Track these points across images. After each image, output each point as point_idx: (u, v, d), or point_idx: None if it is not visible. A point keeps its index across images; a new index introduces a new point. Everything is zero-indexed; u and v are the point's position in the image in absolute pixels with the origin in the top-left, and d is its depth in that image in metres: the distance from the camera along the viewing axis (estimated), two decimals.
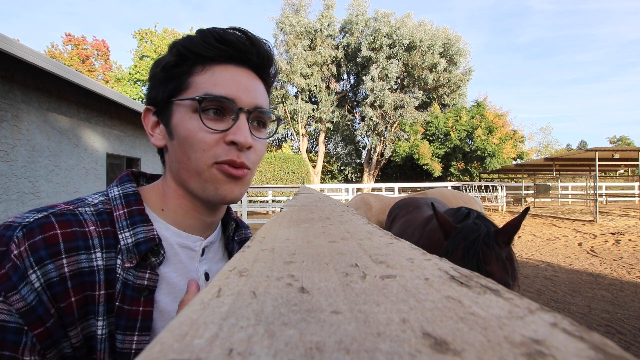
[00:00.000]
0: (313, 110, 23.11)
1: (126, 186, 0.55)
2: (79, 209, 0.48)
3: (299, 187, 5.81)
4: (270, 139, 0.65)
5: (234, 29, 0.54)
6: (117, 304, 0.45)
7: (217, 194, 0.51)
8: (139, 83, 26.85)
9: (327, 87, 23.52)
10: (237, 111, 0.51)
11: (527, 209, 1.50)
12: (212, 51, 0.51)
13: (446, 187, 14.39)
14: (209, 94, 0.49)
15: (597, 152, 11.28)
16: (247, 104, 0.52)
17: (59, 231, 0.44)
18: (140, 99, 26.86)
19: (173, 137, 0.52)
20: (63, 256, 0.43)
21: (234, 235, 0.66)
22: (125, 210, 0.50)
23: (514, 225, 1.43)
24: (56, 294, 0.42)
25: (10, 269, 0.40)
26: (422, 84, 21.97)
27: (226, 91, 0.50)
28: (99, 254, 0.46)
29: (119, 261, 0.47)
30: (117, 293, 0.46)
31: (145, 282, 0.47)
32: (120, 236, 0.48)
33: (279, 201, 14.32)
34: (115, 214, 0.50)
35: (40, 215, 0.45)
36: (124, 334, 0.45)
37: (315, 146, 27.74)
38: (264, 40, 0.56)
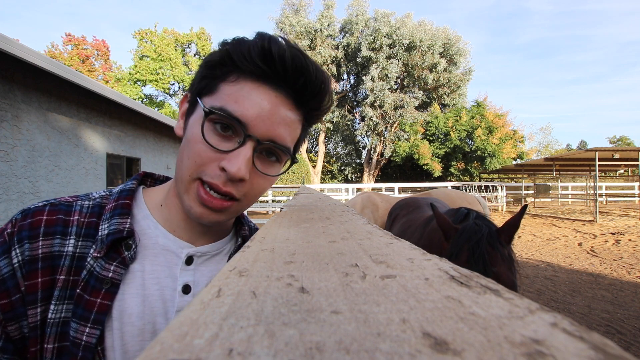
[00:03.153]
0: None
1: (128, 184, 0.56)
2: (78, 201, 0.52)
3: (299, 187, 5.81)
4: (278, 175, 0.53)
5: (296, 48, 0.47)
6: (78, 291, 0.45)
7: (189, 212, 0.48)
8: (139, 83, 26.83)
9: None
10: (244, 137, 0.45)
11: (525, 206, 1.50)
12: (249, 65, 0.45)
13: (446, 187, 14.39)
14: (223, 108, 0.45)
15: (597, 152, 11.28)
16: (261, 134, 0.46)
17: (44, 217, 0.48)
18: (140, 99, 26.87)
19: (184, 133, 0.50)
20: (40, 239, 0.47)
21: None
22: (113, 204, 0.52)
23: (513, 224, 1.42)
24: (28, 272, 0.45)
25: (1, 244, 0.46)
26: (422, 84, 21.98)
27: (242, 112, 0.45)
28: (72, 241, 0.48)
29: (91, 250, 0.48)
30: (81, 281, 0.46)
31: (110, 274, 0.46)
32: (100, 227, 0.49)
33: (279, 201, 14.32)
34: (106, 207, 0.52)
35: (40, 204, 0.50)
36: (78, 323, 0.44)
37: (315, 146, 27.75)
38: (319, 69, 0.48)
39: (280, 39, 0.46)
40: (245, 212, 0.63)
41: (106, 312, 0.45)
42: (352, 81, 25.52)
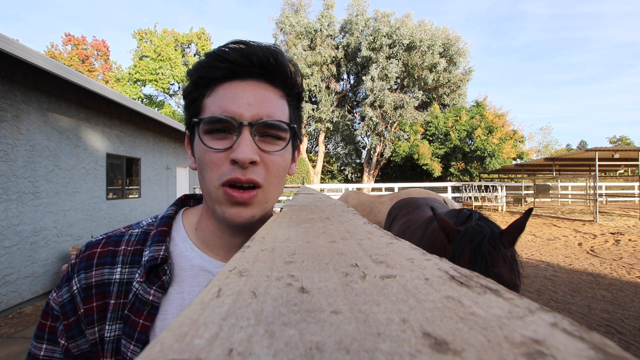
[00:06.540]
0: (313, 110, 23.10)
1: (169, 209, 0.62)
2: (130, 230, 0.59)
3: (299, 187, 5.81)
4: (286, 150, 0.55)
5: (237, 42, 0.52)
6: (125, 312, 0.51)
7: (224, 217, 0.51)
8: (138, 83, 26.82)
9: (327, 87, 23.50)
10: (238, 127, 0.49)
11: (530, 210, 1.49)
12: (216, 72, 0.51)
13: (420, 187, 14.40)
14: (210, 115, 0.50)
15: (597, 152, 11.28)
16: (249, 118, 0.50)
17: (98, 250, 0.56)
18: (140, 99, 26.86)
19: (195, 159, 0.55)
20: (93, 269, 0.54)
21: None
22: (154, 230, 0.57)
23: (518, 227, 1.42)
24: (84, 297, 0.52)
25: (66, 272, 0.55)
26: (422, 84, 21.96)
27: (225, 109, 0.50)
28: (119, 269, 0.54)
29: (137, 275, 0.53)
30: (129, 302, 0.51)
31: (150, 297, 0.51)
32: (144, 253, 0.55)
33: (279, 201, 14.30)
34: (150, 234, 0.57)
35: (100, 237, 0.58)
36: (126, 340, 0.50)
37: (315, 146, 27.75)
38: (268, 46, 0.53)
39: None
40: None
41: (147, 332, 0.50)
42: (352, 81, 25.50)
